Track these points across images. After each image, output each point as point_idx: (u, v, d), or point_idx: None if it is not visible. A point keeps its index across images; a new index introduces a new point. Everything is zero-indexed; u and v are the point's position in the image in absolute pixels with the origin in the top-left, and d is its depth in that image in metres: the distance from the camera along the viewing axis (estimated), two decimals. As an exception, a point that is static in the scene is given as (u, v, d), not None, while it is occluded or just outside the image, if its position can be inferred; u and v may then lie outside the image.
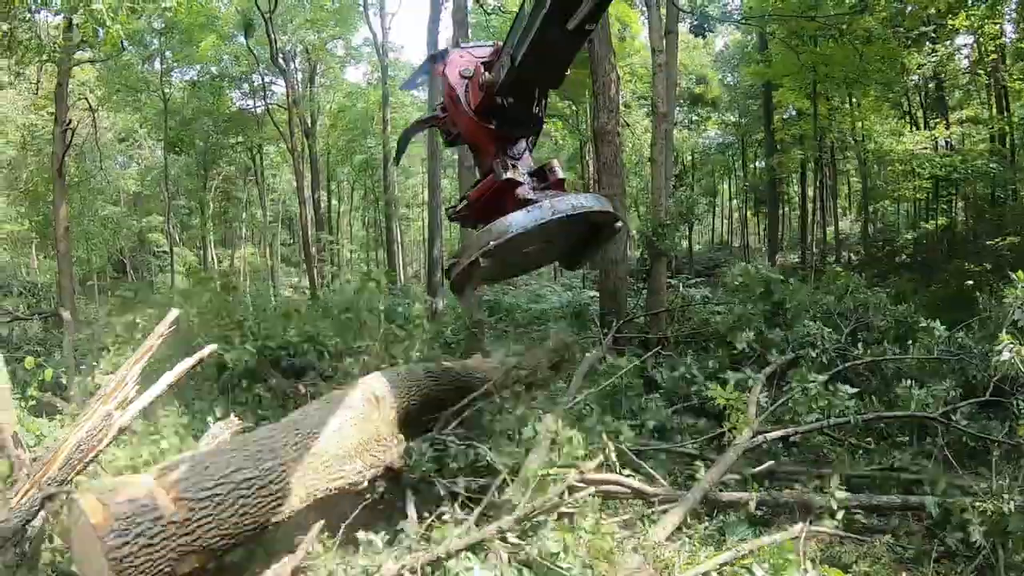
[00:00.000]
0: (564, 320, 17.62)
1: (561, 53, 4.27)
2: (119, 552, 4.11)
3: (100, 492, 4.35)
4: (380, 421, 6.44)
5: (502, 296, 21.67)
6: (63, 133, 17.52)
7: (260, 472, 5.14)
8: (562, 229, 5.25)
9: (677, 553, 5.19)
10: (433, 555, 4.91)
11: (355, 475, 5.93)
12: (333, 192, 47.66)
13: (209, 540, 4.67)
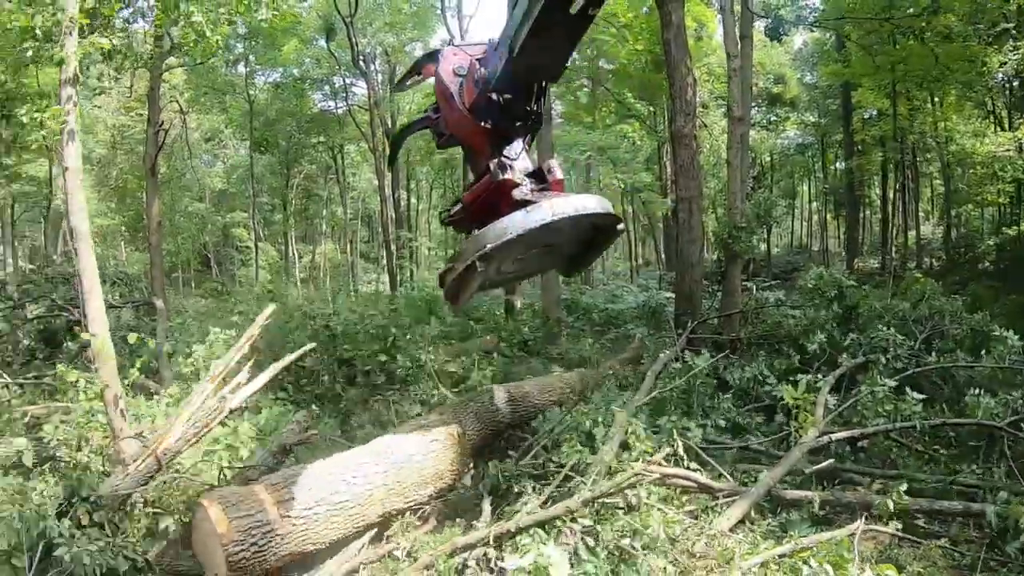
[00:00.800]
0: (640, 320, 17.73)
1: (563, 41, 4.33)
2: (235, 557, 5.01)
3: (225, 503, 5.18)
4: (456, 455, 7.11)
5: (579, 295, 21.81)
6: (155, 134, 18.36)
7: (352, 496, 5.95)
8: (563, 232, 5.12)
9: (739, 544, 5.32)
10: (504, 529, 5.36)
11: (425, 498, 6.65)
12: (412, 190, 48.15)
13: (303, 547, 5.50)
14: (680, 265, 14.01)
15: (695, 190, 13.70)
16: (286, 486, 5.68)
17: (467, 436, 7.44)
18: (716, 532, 5.41)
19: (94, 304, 6.55)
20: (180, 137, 30.31)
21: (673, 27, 13.29)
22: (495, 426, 8.35)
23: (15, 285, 18.58)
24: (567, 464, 6.36)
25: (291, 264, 41.19)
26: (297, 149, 40.04)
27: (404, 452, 6.68)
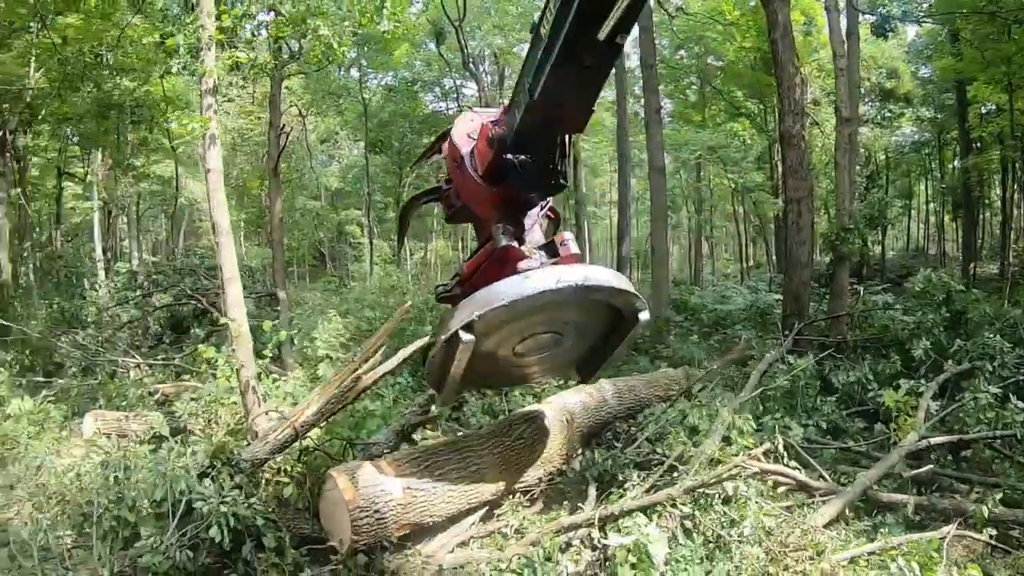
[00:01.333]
0: (748, 322, 17.72)
1: (587, 77, 4.06)
2: (359, 523, 5.54)
3: (353, 474, 5.76)
4: (565, 440, 7.51)
5: (689, 296, 21.87)
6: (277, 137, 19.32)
7: (467, 474, 6.45)
8: (571, 312, 4.98)
9: (831, 540, 5.45)
10: (608, 512, 5.75)
11: (534, 480, 7.09)
12: (523, 191, 48.73)
13: (421, 518, 6.02)
14: (788, 266, 14.01)
15: (804, 191, 13.66)
16: (408, 462, 6.24)
17: (575, 424, 7.83)
18: (809, 527, 5.56)
19: (233, 291, 7.21)
20: (299, 139, 31.46)
21: (780, 27, 13.29)
22: (602, 417, 8.68)
23: (145, 276, 19.91)
24: (671, 455, 6.66)
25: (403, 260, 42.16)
26: (410, 149, 40.96)
27: (516, 435, 7.12)
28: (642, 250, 37.70)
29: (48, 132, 24.85)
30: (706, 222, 40.21)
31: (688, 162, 35.03)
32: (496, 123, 4.80)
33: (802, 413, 8.77)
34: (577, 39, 3.71)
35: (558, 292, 4.48)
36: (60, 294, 18.92)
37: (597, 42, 3.70)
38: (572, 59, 3.82)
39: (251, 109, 28.51)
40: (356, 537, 5.54)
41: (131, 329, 15.79)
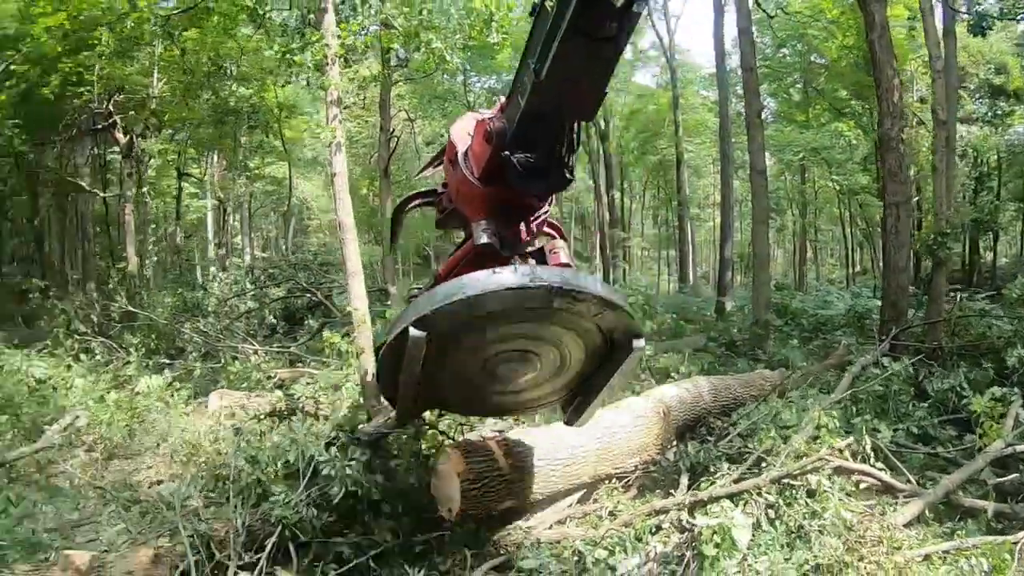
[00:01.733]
0: (848, 327, 17.54)
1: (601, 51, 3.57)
2: (468, 493, 6.01)
3: (464, 449, 6.33)
4: (661, 431, 7.91)
5: (790, 300, 21.81)
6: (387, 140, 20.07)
7: (568, 456, 6.91)
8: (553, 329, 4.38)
9: (908, 538, 5.61)
10: (697, 498, 6.11)
11: (631, 467, 7.50)
12: (626, 191, 48.69)
13: (522, 494, 6.54)
14: (887, 271, 13.90)
15: (903, 195, 13.51)
16: (515, 442, 6.74)
17: (671, 417, 8.20)
18: (888, 524, 5.68)
19: (356, 285, 7.79)
20: (407, 142, 32.37)
21: (877, 28, 13.10)
22: (697, 412, 8.97)
23: (261, 270, 21.00)
24: (760, 448, 6.92)
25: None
26: (513, 151, 41.57)
27: (616, 423, 7.57)
28: (745, 253, 37.37)
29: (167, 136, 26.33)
30: (810, 225, 39.59)
31: (792, 164, 34.57)
32: (494, 119, 4.31)
33: (893, 417, 8.80)
34: (590, 7, 3.32)
35: (529, 293, 3.93)
36: (181, 285, 20.26)
37: (613, 8, 3.35)
38: (585, 30, 3.40)
39: (360, 113, 29.54)
40: (465, 507, 6.06)
41: (248, 319, 16.74)
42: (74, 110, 22.72)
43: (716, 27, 23.08)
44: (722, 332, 16.74)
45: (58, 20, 16.96)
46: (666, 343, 14.74)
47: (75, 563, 5.37)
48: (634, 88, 43.97)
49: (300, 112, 30.41)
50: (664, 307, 18.94)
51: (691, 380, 9.66)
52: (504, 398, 5.45)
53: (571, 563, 5.80)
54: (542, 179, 4.33)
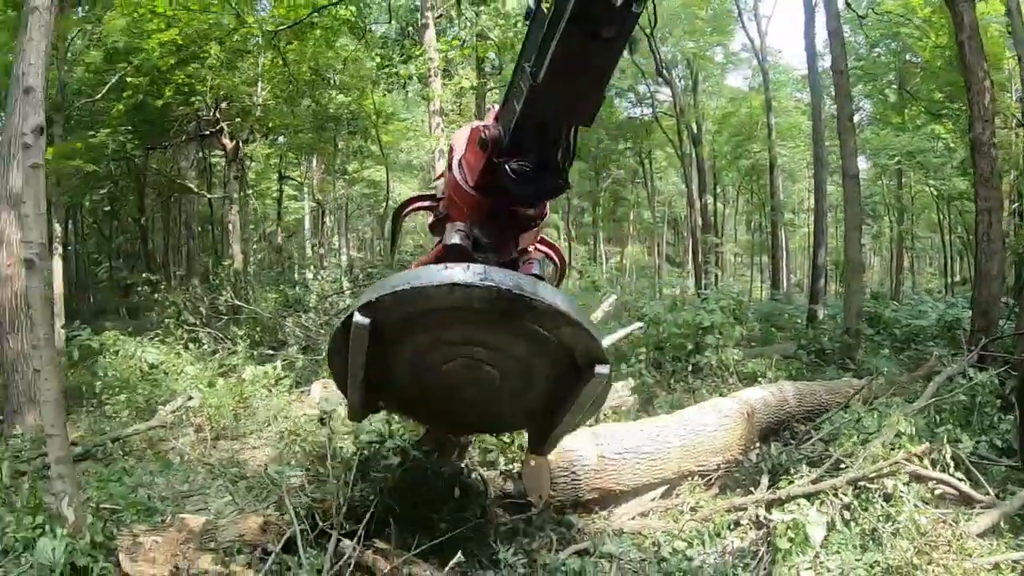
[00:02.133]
0: (941, 338, 17.20)
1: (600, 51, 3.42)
2: (557, 480, 6.50)
3: None
4: (745, 431, 8.08)
5: (883, 309, 21.47)
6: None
7: (653, 450, 7.20)
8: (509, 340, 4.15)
9: (980, 546, 5.69)
10: (776, 496, 6.34)
11: (714, 466, 7.70)
12: (718, 196, 48.34)
13: (610, 485, 6.87)
14: (978, 279, 13.62)
15: (995, 201, 13.26)
16: (603, 436, 7.09)
17: (755, 419, 8.36)
18: (962, 532, 5.76)
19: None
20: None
21: (966, 29, 12.92)
22: (781, 415, 9.07)
23: (360, 268, 21.73)
24: (839, 451, 7.03)
25: (599, 263, 42.90)
26: (606, 155, 41.80)
27: (700, 422, 7.82)
28: (840, 260, 36.78)
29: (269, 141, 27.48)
30: (907, 233, 38.73)
31: (888, 168, 33.80)
32: (488, 126, 4.17)
33: (977, 428, 8.67)
34: (589, 5, 3.19)
35: (475, 293, 3.72)
36: (282, 282, 21.18)
37: (612, 8, 3.19)
38: (583, 30, 3.27)
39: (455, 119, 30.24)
40: (553, 493, 6.47)
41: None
42: (183, 117, 23.96)
43: (807, 28, 22.73)
44: (812, 340, 16.64)
45: (170, 35, 18.01)
46: (755, 349, 14.82)
47: (189, 525, 5.91)
48: (726, 91, 43.78)
49: (397, 118, 31.21)
50: (755, 314, 18.95)
51: (777, 384, 9.80)
52: (467, 412, 5.28)
53: (650, 552, 6.09)
54: (537, 185, 4.15)
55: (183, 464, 8.83)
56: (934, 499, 6.36)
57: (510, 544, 6.00)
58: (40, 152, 6.02)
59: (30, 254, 5.88)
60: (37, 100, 6.20)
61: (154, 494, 7.34)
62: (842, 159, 18.09)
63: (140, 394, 11.25)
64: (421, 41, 9.79)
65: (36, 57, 6.30)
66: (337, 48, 21.46)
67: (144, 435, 10.12)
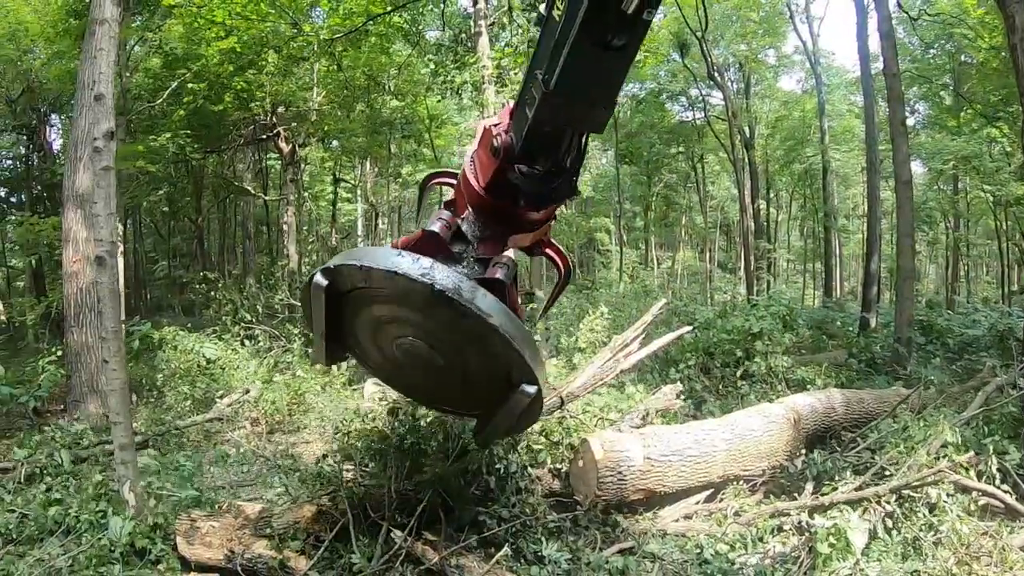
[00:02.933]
0: (995, 349, 16.95)
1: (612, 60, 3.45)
2: (604, 480, 6.64)
3: (604, 440, 6.88)
4: (791, 437, 8.15)
5: (936, 318, 21.20)
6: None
7: (699, 453, 7.33)
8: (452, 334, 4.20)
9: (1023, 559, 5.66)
10: (819, 502, 6.42)
11: (759, 471, 7.79)
12: (771, 201, 47.89)
13: (656, 486, 7.02)
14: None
15: (1054, 206, 12.93)
16: (650, 437, 7.24)
17: (801, 425, 8.40)
18: (1005, 545, 5.73)
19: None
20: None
21: (1018, 31, 12.39)
22: (828, 422, 9.05)
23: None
24: (883, 459, 7.08)
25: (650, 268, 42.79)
26: (658, 159, 41.71)
27: (747, 427, 7.90)
28: (894, 267, 36.19)
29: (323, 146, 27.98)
30: (962, 239, 38.07)
31: (943, 172, 33.21)
32: (500, 132, 4.17)
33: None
34: (600, 15, 3.22)
35: (412, 286, 3.79)
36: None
37: (624, 16, 3.21)
38: (594, 39, 3.32)
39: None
40: (599, 492, 6.62)
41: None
42: (240, 122, 24.53)
43: (859, 29, 22.35)
44: (863, 348, 16.50)
45: (229, 44, 18.50)
46: (805, 357, 14.77)
47: (245, 512, 6.17)
48: (778, 94, 43.32)
49: (450, 122, 31.53)
50: (806, 321, 18.82)
51: (825, 391, 9.79)
52: (415, 388, 5.46)
53: (692, 554, 6.20)
54: (547, 190, 4.22)
55: (239, 455, 9.15)
56: (978, 510, 6.34)
57: (556, 541, 6.16)
58: (110, 155, 6.35)
59: (101, 251, 6.22)
60: (107, 107, 6.52)
61: (210, 484, 7.62)
62: (895, 164, 17.87)
63: (199, 387, 11.63)
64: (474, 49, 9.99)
65: (106, 66, 6.63)
66: (391, 54, 21.85)
67: (201, 427, 10.48)
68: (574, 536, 6.44)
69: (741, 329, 11.94)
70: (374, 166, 33.60)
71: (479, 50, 8.50)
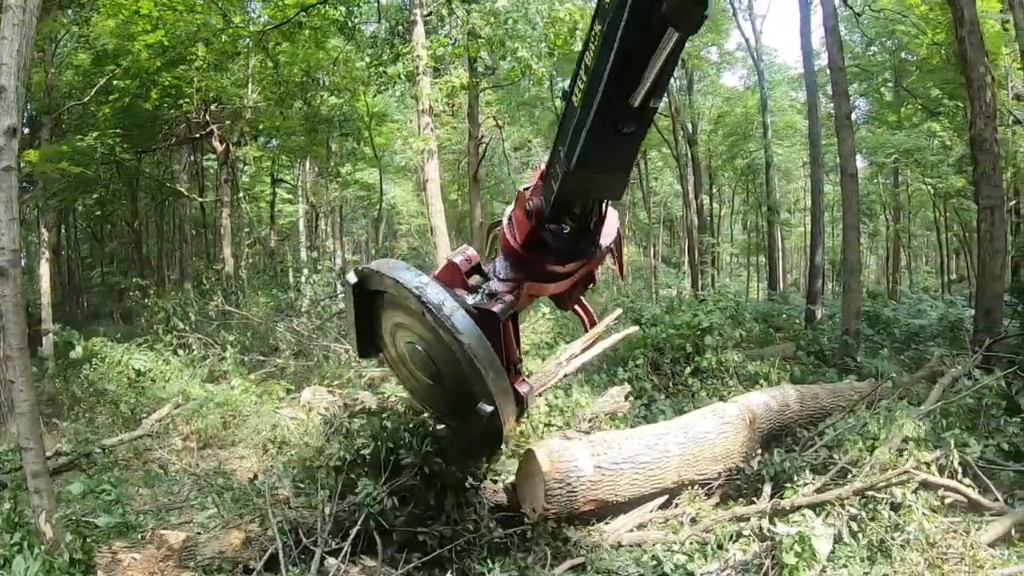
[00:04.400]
0: (941, 337, 17.10)
1: (624, 143, 3.99)
2: (552, 492, 6.28)
3: (550, 450, 6.55)
4: (746, 438, 7.85)
5: (882, 308, 21.33)
6: (476, 147, 20.34)
7: (652, 459, 7.01)
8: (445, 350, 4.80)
9: (992, 557, 5.55)
10: (779, 507, 6.12)
11: (715, 474, 7.46)
12: (714, 196, 48.11)
13: (608, 496, 6.67)
14: (981, 278, 13.44)
15: (997, 198, 13.06)
16: (599, 445, 6.89)
17: (757, 424, 8.13)
18: (972, 542, 5.66)
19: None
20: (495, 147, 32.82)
21: (967, 23, 12.69)
22: (784, 420, 8.80)
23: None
24: (844, 459, 6.83)
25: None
26: (602, 156, 41.50)
27: (700, 429, 7.59)
28: (837, 259, 36.58)
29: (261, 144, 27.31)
30: (904, 231, 38.56)
31: (884, 166, 33.63)
32: (533, 192, 4.87)
33: (984, 432, 8.52)
34: (611, 106, 3.73)
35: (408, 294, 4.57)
36: (275, 286, 20.98)
37: (631, 108, 3.73)
38: (607, 126, 3.83)
39: (449, 120, 30.10)
40: (548, 505, 6.26)
41: (340, 320, 17.21)
42: (172, 120, 23.77)
43: (803, 26, 22.54)
44: (811, 341, 16.52)
45: (156, 38, 17.83)
46: (754, 351, 14.63)
47: (169, 541, 5.73)
48: (721, 90, 43.62)
49: (390, 119, 31.04)
50: (752, 314, 18.76)
51: (779, 388, 9.56)
52: (421, 394, 6.05)
53: (648, 567, 5.87)
54: (573, 248, 4.96)
55: (168, 475, 8.65)
56: (943, 507, 6.18)
57: (503, 558, 5.81)
58: (12, 155, 5.80)
59: (3, 261, 5.65)
60: (10, 101, 5.95)
61: (137, 507, 7.14)
62: (840, 158, 17.88)
63: (126, 402, 11.05)
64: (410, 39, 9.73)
65: (9, 56, 6.05)
66: (328, 49, 21.31)
67: (129, 445, 9.91)
68: (523, 553, 6.06)
69: (690, 325, 11.74)
70: (314, 165, 33.00)
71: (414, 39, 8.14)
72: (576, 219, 4.89)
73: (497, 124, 29.45)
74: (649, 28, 3.44)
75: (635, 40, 3.51)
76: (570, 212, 4.81)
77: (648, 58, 3.51)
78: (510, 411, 4.84)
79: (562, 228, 4.91)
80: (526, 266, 5.12)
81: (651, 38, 3.46)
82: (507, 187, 40.15)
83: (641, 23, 3.45)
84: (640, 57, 3.54)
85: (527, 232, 4.90)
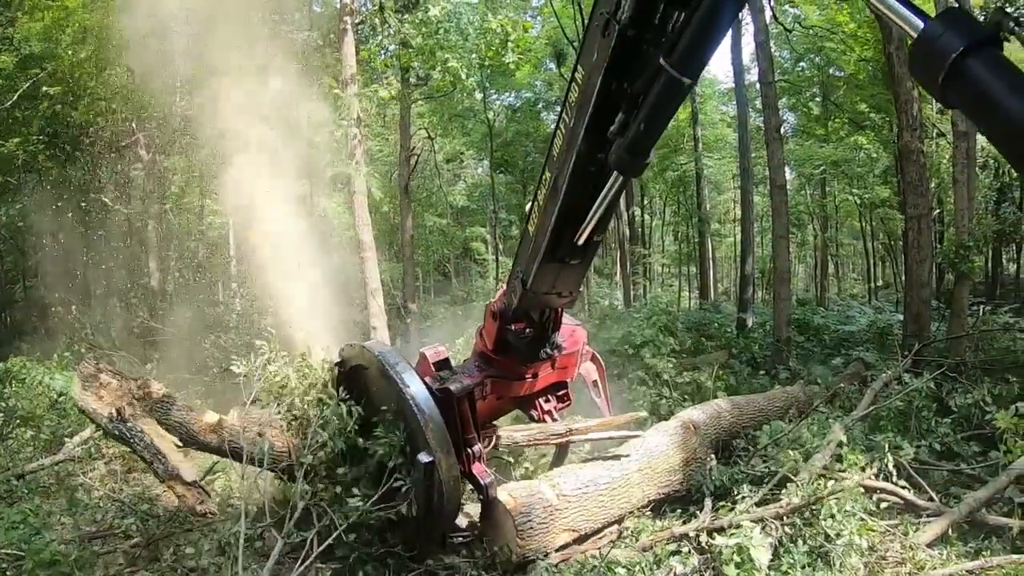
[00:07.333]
0: (870, 343, 17.44)
1: (571, 270, 4.86)
2: (523, 526, 6.16)
3: (510, 489, 6.53)
4: (696, 445, 7.89)
5: (811, 315, 21.63)
6: (407, 158, 20.13)
7: (612, 479, 7.02)
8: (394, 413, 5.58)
9: (932, 558, 5.63)
10: (718, 524, 6.13)
11: (677, 484, 7.54)
12: (645, 208, 48.36)
13: (578, 523, 6.61)
14: (908, 285, 13.77)
15: (924, 207, 13.44)
16: (556, 477, 6.89)
17: (702, 431, 8.21)
18: (911, 544, 5.76)
19: (377, 302, 7.87)
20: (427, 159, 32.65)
21: (895, 40, 13.20)
22: (723, 426, 8.84)
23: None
24: (782, 470, 6.88)
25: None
26: (533, 168, 41.50)
27: (652, 442, 7.67)
28: (767, 268, 37.03)
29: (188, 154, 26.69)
30: (831, 240, 39.27)
31: (812, 177, 34.23)
32: (499, 297, 5.72)
33: (916, 434, 8.68)
34: (559, 243, 4.47)
35: (371, 357, 5.50)
36: (202, 301, 20.45)
37: (576, 244, 4.44)
38: (556, 258, 4.62)
39: (380, 131, 29.80)
40: (522, 541, 6.12)
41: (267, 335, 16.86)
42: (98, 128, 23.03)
43: (734, 41, 22.90)
44: (743, 349, 16.66)
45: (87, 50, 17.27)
46: (686, 360, 14.68)
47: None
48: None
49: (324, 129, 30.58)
50: (684, 324, 18.88)
51: (711, 403, 9.55)
52: None
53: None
54: (530, 351, 5.79)
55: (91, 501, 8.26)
56: (880, 510, 6.27)
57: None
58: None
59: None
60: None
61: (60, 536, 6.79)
62: (769, 169, 18.15)
63: (47, 425, 10.58)
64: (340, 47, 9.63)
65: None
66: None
67: (50, 470, 9.48)
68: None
69: (625, 340, 11.74)
70: (241, 177, 32.33)
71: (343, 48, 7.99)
72: (534, 325, 5.66)
73: (429, 136, 29.30)
74: (595, 177, 4.03)
75: (580, 189, 4.14)
76: (529, 317, 5.59)
77: (593, 200, 4.09)
78: (450, 464, 5.40)
79: (524, 331, 5.72)
80: (492, 364, 5.97)
81: (596, 188, 4.03)
82: (438, 199, 40.00)
83: (587, 172, 4.06)
84: (585, 201, 4.17)
85: (495, 333, 5.71)
